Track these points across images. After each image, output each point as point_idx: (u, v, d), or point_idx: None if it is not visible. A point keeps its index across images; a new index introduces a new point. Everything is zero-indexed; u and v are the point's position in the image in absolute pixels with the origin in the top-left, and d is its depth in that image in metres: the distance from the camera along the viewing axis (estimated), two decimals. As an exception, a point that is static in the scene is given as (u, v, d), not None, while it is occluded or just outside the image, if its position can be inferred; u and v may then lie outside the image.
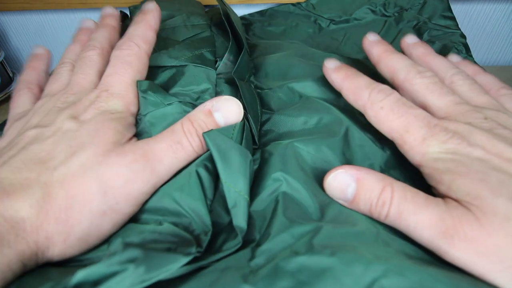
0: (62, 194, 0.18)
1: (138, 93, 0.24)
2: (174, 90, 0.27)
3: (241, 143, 0.21)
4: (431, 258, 0.18)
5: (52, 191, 0.18)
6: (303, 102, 0.27)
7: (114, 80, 0.24)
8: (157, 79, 0.28)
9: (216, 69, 0.30)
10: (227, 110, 0.22)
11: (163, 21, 0.35)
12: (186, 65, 0.29)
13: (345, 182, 0.20)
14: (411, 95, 0.24)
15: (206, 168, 0.21)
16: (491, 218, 0.16)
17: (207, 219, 0.19)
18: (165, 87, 0.27)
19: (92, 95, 0.23)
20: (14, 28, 0.53)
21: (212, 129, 0.21)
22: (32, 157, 0.19)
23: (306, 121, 0.25)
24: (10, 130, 0.23)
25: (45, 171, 0.18)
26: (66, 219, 0.18)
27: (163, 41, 0.32)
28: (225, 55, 0.30)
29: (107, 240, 0.19)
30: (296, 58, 0.33)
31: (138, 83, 0.24)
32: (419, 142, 0.20)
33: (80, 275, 0.15)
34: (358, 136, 0.24)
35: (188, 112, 0.24)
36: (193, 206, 0.19)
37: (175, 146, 0.21)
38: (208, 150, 0.21)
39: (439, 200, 0.18)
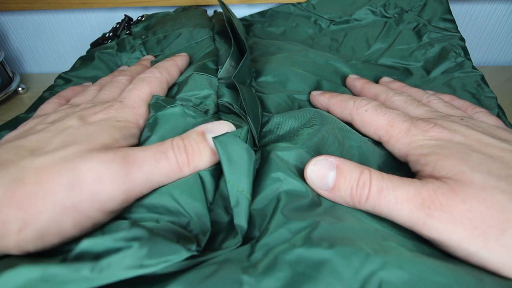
0: (33, 180, 0.17)
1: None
2: (178, 96, 0.28)
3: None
4: (431, 251, 0.18)
5: (26, 176, 0.18)
6: (304, 109, 0.28)
7: (130, 94, 0.26)
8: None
9: (217, 72, 0.31)
10: (220, 132, 0.22)
11: (169, 43, 0.37)
12: (190, 75, 0.30)
13: (325, 170, 0.20)
14: None
15: (208, 170, 0.21)
16: (467, 188, 0.17)
17: (206, 220, 0.19)
18: (171, 97, 0.28)
19: (107, 104, 0.24)
20: (14, 28, 0.53)
21: (221, 134, 0.21)
22: (26, 145, 0.20)
23: (306, 123, 0.26)
24: (26, 125, 0.24)
25: (29, 157, 0.18)
26: (28, 206, 0.17)
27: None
28: (227, 60, 0.30)
29: (101, 231, 0.19)
30: (295, 69, 0.33)
31: (153, 96, 0.26)
32: (404, 133, 0.22)
33: (85, 244, 0.15)
34: (356, 137, 0.25)
35: (189, 114, 0.25)
36: (193, 207, 0.19)
37: (159, 155, 0.20)
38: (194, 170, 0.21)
39: (414, 179, 0.19)
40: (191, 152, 0.21)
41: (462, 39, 0.37)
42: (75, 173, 0.18)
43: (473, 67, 0.34)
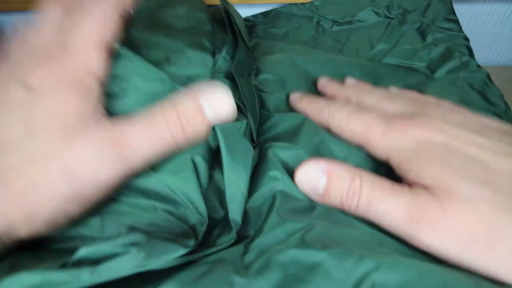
0: (22, 181, 0.17)
1: (108, 52, 0.20)
2: (166, 69, 0.25)
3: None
4: (428, 257, 0.18)
5: (11, 178, 0.17)
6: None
7: (75, 38, 0.19)
8: (147, 55, 0.26)
9: (213, 56, 0.30)
10: (220, 102, 0.20)
11: (163, 7, 0.33)
12: (183, 50, 0.28)
13: (315, 177, 0.20)
14: None
15: (202, 156, 0.21)
16: (454, 200, 0.18)
17: (202, 208, 0.19)
18: (155, 63, 0.24)
19: (47, 55, 0.19)
20: (14, 28, 0.53)
21: (224, 124, 0.20)
22: None
23: (304, 123, 0.26)
24: None
25: (2, 156, 0.17)
26: (28, 205, 0.17)
27: (162, 24, 0.31)
28: (223, 50, 0.30)
29: (99, 215, 0.19)
30: (295, 70, 0.33)
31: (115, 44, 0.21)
32: (381, 137, 0.22)
33: (83, 252, 0.15)
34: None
35: (176, 88, 0.22)
36: (188, 193, 0.19)
37: (152, 133, 0.19)
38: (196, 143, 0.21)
39: (405, 187, 0.19)
40: (189, 129, 0.19)
41: (467, 39, 0.37)
42: (66, 166, 0.17)
43: (478, 66, 0.35)
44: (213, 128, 0.21)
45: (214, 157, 0.22)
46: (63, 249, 0.18)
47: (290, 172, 0.21)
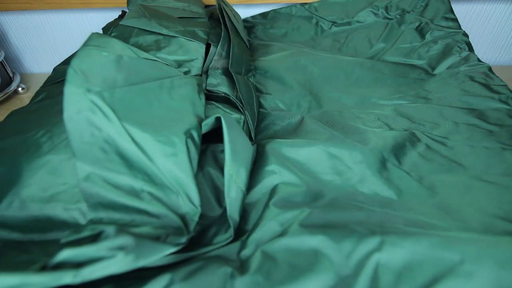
0: None
1: None
2: (156, 55, 0.26)
3: None
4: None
5: None
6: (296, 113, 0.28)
7: None
8: (138, 38, 0.28)
9: (207, 47, 0.30)
10: None
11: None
12: (175, 37, 0.29)
13: None
14: None
15: (192, 138, 0.20)
16: None
17: (194, 195, 0.18)
18: (144, 49, 0.26)
19: None
20: (14, 28, 0.53)
21: (225, 115, 0.20)
22: None
23: (301, 124, 0.26)
24: None
25: None
26: None
27: (158, 13, 0.32)
28: (218, 46, 0.30)
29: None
30: (294, 70, 0.33)
31: None
32: None
33: (65, 254, 0.15)
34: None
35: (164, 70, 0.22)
36: (178, 178, 0.19)
37: None
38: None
39: None
40: None
41: (466, 35, 0.37)
42: None
43: (478, 60, 0.34)
44: (216, 118, 0.20)
45: (204, 136, 0.21)
46: (48, 241, 0.18)
47: (289, 164, 0.21)
